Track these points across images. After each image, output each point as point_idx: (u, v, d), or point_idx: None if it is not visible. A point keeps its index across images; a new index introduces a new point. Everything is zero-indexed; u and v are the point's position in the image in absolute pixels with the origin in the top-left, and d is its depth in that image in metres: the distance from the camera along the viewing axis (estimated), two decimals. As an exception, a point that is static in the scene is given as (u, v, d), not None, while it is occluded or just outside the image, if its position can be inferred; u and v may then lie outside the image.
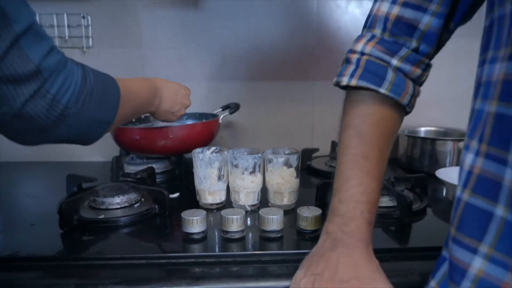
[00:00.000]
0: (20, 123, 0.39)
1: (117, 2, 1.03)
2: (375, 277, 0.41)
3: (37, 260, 0.52)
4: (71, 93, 0.41)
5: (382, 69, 0.45)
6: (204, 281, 0.50)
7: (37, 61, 0.38)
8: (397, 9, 0.44)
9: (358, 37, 0.49)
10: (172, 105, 0.70)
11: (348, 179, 0.44)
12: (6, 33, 0.36)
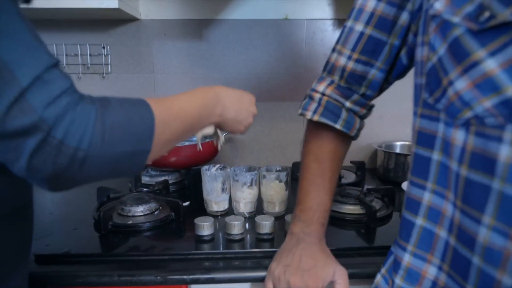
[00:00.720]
0: (35, 173, 0.37)
1: (132, 34, 1.19)
2: (328, 261, 0.59)
3: (86, 257, 0.68)
4: (82, 134, 0.37)
5: (338, 109, 0.59)
6: (212, 272, 0.66)
7: (41, 110, 0.35)
8: (352, 64, 0.57)
9: (319, 78, 0.62)
10: (237, 113, 0.63)
11: (307, 193, 0.61)
12: (11, 88, 0.34)
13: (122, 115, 0.41)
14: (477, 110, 0.38)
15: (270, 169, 0.87)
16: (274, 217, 0.77)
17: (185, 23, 1.19)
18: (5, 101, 0.33)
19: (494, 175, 0.37)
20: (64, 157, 0.36)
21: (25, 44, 0.35)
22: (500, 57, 0.35)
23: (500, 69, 0.35)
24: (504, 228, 0.36)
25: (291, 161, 1.16)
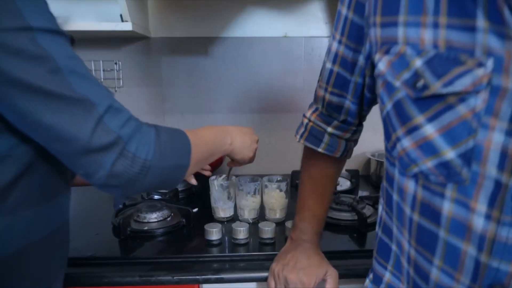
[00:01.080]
0: (114, 180, 0.46)
1: (143, 51, 1.28)
2: (321, 262, 0.68)
3: (109, 259, 0.77)
4: (148, 149, 0.48)
5: (321, 134, 0.65)
6: (221, 273, 0.74)
7: (117, 131, 0.46)
8: (328, 96, 0.62)
9: (310, 104, 0.68)
10: (243, 141, 0.75)
11: (304, 206, 0.70)
12: (93, 115, 0.44)
13: (169, 137, 0.52)
14: (422, 168, 0.44)
15: (271, 179, 0.96)
16: (275, 223, 0.87)
17: (191, 41, 1.28)
18: (90, 125, 0.43)
19: (440, 225, 0.43)
20: (136, 166, 0.47)
21: (93, 81, 0.46)
22: (437, 124, 0.41)
23: (437, 134, 0.41)
24: (450, 271, 0.43)
25: (290, 169, 1.25)
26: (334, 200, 1.00)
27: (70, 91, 0.42)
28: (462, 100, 0.40)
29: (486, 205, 0.40)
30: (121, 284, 0.72)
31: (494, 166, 0.39)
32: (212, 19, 1.27)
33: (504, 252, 0.40)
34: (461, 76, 0.39)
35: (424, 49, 0.41)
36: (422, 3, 0.41)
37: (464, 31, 0.39)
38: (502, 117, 0.38)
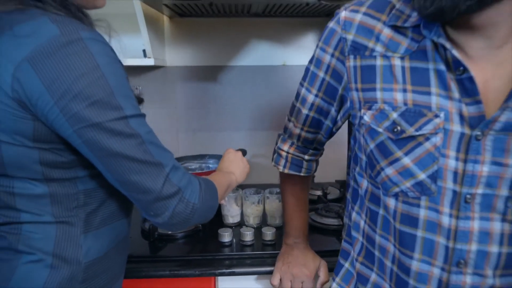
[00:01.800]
0: (174, 220, 0.60)
1: (160, 78, 1.48)
2: (315, 258, 0.88)
3: (144, 257, 0.97)
4: (196, 195, 0.62)
5: (300, 162, 0.83)
6: (232, 268, 0.94)
7: (178, 184, 0.59)
8: (304, 133, 0.79)
9: (283, 139, 0.84)
10: (239, 168, 0.93)
11: (292, 217, 0.89)
12: (163, 174, 0.58)
13: (206, 186, 0.68)
14: (402, 188, 0.60)
15: (271, 191, 1.16)
16: (275, 227, 1.07)
17: (202, 69, 1.48)
18: (161, 181, 0.58)
19: (418, 227, 0.60)
20: (188, 208, 0.62)
21: (162, 148, 0.61)
22: (411, 156, 0.58)
23: (412, 163, 0.59)
24: (428, 260, 0.61)
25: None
26: (323, 208, 1.20)
27: (150, 157, 0.58)
28: (427, 139, 0.58)
29: (449, 208, 0.58)
30: (155, 276, 0.92)
31: (451, 181, 0.57)
32: (221, 51, 1.48)
33: (463, 237, 0.57)
34: (426, 123, 0.57)
35: (397, 106, 0.60)
36: (392, 76, 0.60)
37: (424, 94, 0.58)
38: (452, 149, 0.57)
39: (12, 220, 0.58)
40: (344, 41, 0.66)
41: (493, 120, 0.54)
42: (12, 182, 0.57)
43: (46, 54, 0.51)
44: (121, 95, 0.55)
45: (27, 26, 0.52)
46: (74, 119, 0.53)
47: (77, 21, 0.56)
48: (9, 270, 0.58)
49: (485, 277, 0.57)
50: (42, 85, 0.51)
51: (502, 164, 0.55)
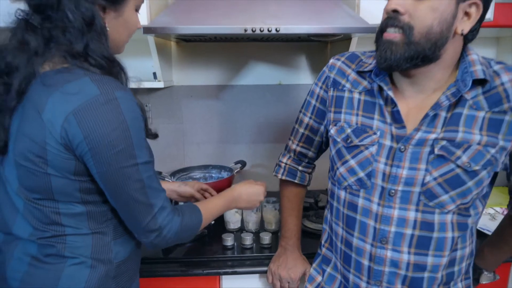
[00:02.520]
0: (151, 245, 0.78)
1: (167, 96, 1.63)
2: (303, 262, 1.03)
3: (157, 259, 1.12)
4: (173, 232, 0.78)
5: (295, 171, 1.03)
6: (234, 267, 1.09)
7: (160, 224, 0.75)
8: (299, 148, 1.01)
9: (283, 154, 1.06)
10: (247, 205, 1.03)
11: (286, 221, 1.05)
12: (151, 213, 0.73)
13: (189, 220, 0.83)
14: (349, 182, 0.82)
15: (268, 200, 1.31)
16: (271, 232, 1.22)
17: (206, 88, 1.64)
18: (148, 218, 0.74)
19: (357, 212, 0.81)
20: (164, 241, 0.78)
21: (157, 189, 0.75)
22: (356, 159, 0.80)
23: (356, 164, 0.81)
24: (362, 237, 0.80)
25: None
26: (314, 214, 1.36)
27: (146, 199, 0.74)
28: (367, 148, 0.80)
29: (378, 198, 0.78)
30: (168, 275, 1.07)
31: (380, 179, 0.78)
32: (222, 71, 1.63)
33: (386, 221, 0.77)
34: (367, 137, 0.80)
35: (352, 125, 0.83)
36: (352, 104, 0.84)
37: (369, 119, 0.81)
38: (383, 156, 0.78)
39: (58, 234, 0.73)
40: (328, 78, 0.90)
41: (410, 137, 0.75)
42: (58, 204, 0.72)
43: (88, 110, 0.65)
44: (138, 146, 0.71)
45: (74, 85, 0.67)
46: (97, 163, 0.68)
47: (112, 79, 0.71)
48: (58, 271, 0.73)
49: (402, 253, 0.77)
50: (81, 135, 0.66)
51: (416, 168, 0.75)
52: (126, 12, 0.77)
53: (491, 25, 1.28)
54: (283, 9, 1.11)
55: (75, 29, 0.69)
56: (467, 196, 0.74)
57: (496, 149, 0.72)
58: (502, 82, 0.72)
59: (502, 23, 1.31)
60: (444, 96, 0.73)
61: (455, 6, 0.69)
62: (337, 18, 1.10)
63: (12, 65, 0.70)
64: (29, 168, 0.69)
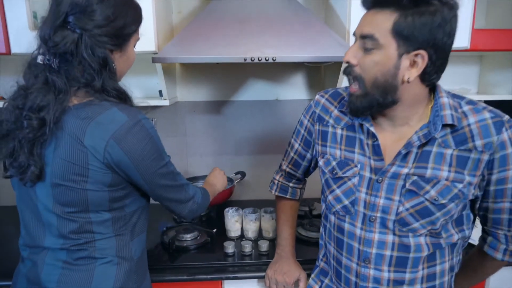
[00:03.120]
0: (190, 212, 1.00)
1: (172, 111, 1.74)
2: (297, 267, 1.14)
3: (166, 265, 1.23)
4: (199, 198, 1.01)
5: (286, 187, 1.16)
6: (235, 273, 1.20)
7: (192, 193, 0.99)
8: (288, 169, 1.12)
9: (276, 172, 1.19)
10: (220, 183, 1.27)
11: (282, 231, 1.17)
12: (183, 190, 0.97)
13: (205, 194, 1.06)
14: (336, 209, 0.93)
15: (266, 211, 1.43)
16: (268, 240, 1.33)
17: (208, 103, 1.75)
18: (183, 193, 0.96)
19: (344, 235, 0.92)
20: (197, 204, 1.01)
21: (180, 175, 0.96)
22: (341, 189, 0.91)
23: (341, 193, 0.91)
24: (349, 257, 0.91)
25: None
26: (308, 223, 1.47)
27: (177, 183, 0.95)
28: (350, 179, 0.90)
29: (360, 224, 0.89)
30: (176, 280, 1.18)
31: (362, 207, 0.88)
32: (223, 88, 1.74)
33: (368, 244, 0.88)
34: (349, 170, 0.90)
35: (336, 158, 0.93)
36: (335, 139, 0.94)
37: (350, 152, 0.91)
38: (364, 187, 0.88)
39: (90, 240, 0.87)
40: (314, 113, 1.00)
41: (386, 171, 0.85)
42: (89, 214, 0.86)
43: (123, 134, 0.81)
44: (162, 150, 0.90)
45: (106, 115, 0.81)
46: (142, 172, 0.86)
47: (130, 106, 0.86)
48: (91, 270, 0.86)
49: (382, 271, 0.87)
50: (123, 154, 0.82)
51: (391, 199, 0.85)
52: (128, 51, 0.91)
53: (470, 50, 1.40)
54: (279, 39, 1.23)
55: (93, 70, 0.82)
56: (436, 223, 0.83)
57: (463, 184, 0.81)
58: (468, 123, 0.80)
59: (481, 48, 1.43)
60: (416, 136, 0.82)
61: (398, 59, 0.76)
62: (328, 46, 1.21)
63: (43, 103, 0.81)
64: (68, 186, 0.82)
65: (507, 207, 0.83)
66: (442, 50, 0.76)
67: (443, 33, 0.73)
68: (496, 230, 0.88)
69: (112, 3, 0.84)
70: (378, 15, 0.75)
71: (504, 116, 0.81)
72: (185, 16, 1.66)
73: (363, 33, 0.78)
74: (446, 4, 0.73)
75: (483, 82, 1.80)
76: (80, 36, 0.81)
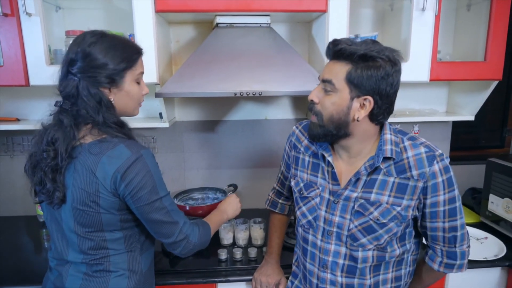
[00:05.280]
0: (182, 252, 1.05)
1: (171, 130, 1.92)
2: (279, 273, 1.34)
3: (167, 270, 1.41)
4: (196, 237, 1.06)
5: (276, 203, 1.36)
6: (227, 276, 1.39)
7: (186, 233, 1.04)
8: (277, 188, 1.34)
9: (271, 189, 1.38)
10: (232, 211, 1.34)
11: (270, 240, 1.37)
12: (178, 228, 1.03)
13: (203, 230, 1.13)
14: (303, 223, 1.12)
15: (255, 221, 1.62)
16: (257, 247, 1.52)
17: (204, 123, 1.94)
18: (177, 232, 1.04)
19: (308, 245, 1.11)
20: (191, 245, 1.08)
21: (177, 211, 1.07)
22: (306, 206, 1.10)
23: (306, 210, 1.10)
24: (312, 263, 1.10)
25: (269, 207, 1.90)
26: (292, 232, 1.66)
27: (171, 219, 1.03)
28: (313, 199, 1.09)
29: (321, 236, 1.07)
30: (176, 284, 1.37)
31: (322, 223, 1.07)
32: (217, 109, 1.93)
33: (325, 253, 1.06)
34: (312, 191, 1.09)
35: (304, 180, 1.12)
36: (304, 165, 1.12)
37: (314, 176, 1.10)
38: (324, 206, 1.06)
39: (105, 255, 1.04)
40: (291, 142, 1.19)
41: (340, 194, 1.03)
42: (105, 234, 1.02)
43: (126, 167, 0.95)
44: (159, 185, 1.01)
45: (114, 151, 0.96)
46: (135, 201, 0.98)
47: (137, 142, 1.02)
48: (106, 282, 1.03)
49: (337, 276, 1.06)
50: (124, 185, 0.96)
51: (344, 217, 1.03)
52: (125, 87, 1.02)
53: (431, 80, 1.60)
54: (266, 74, 1.42)
55: (92, 107, 0.97)
56: (380, 239, 1.00)
57: (401, 207, 0.98)
58: (407, 156, 0.98)
59: (443, 78, 1.62)
60: (363, 166, 0.99)
61: (350, 101, 0.93)
62: (308, 82, 1.40)
63: (55, 137, 0.98)
64: (85, 210, 0.98)
65: (441, 226, 1.01)
66: (386, 97, 0.94)
67: (386, 84, 0.91)
68: (434, 245, 1.06)
69: (99, 47, 0.97)
70: (336, 65, 0.94)
71: (436, 151, 0.99)
72: (182, 45, 1.85)
73: (324, 78, 0.96)
74: (389, 61, 0.91)
75: (451, 103, 2.00)
76: (79, 80, 0.96)
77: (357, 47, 0.91)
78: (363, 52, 0.90)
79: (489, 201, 1.74)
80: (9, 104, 1.81)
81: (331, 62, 0.97)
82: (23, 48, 1.45)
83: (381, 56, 0.91)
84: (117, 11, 1.74)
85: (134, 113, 1.10)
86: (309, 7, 1.47)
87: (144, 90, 1.09)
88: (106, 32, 1.02)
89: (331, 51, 0.96)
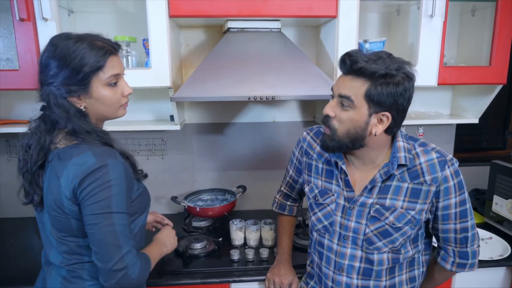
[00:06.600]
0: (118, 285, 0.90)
1: (181, 132, 1.95)
2: (292, 273, 1.37)
3: (181, 270, 1.44)
4: (136, 273, 0.92)
5: (284, 205, 1.40)
6: (241, 276, 1.42)
7: (127, 263, 0.90)
8: (285, 191, 1.38)
9: (278, 191, 1.42)
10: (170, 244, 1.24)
11: (280, 241, 1.40)
12: (120, 253, 0.89)
13: (144, 263, 0.98)
14: (318, 227, 1.15)
15: (266, 222, 1.65)
16: (268, 248, 1.56)
17: (213, 125, 1.97)
18: (117, 257, 0.89)
19: (324, 249, 1.14)
20: (129, 280, 0.91)
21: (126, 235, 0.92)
22: (322, 212, 1.13)
23: (322, 216, 1.13)
24: (328, 267, 1.13)
25: (277, 208, 1.93)
26: (302, 232, 1.70)
27: (116, 242, 0.90)
28: (328, 205, 1.12)
29: (337, 240, 1.11)
30: (190, 284, 1.40)
31: (338, 228, 1.10)
32: (226, 112, 1.96)
33: (342, 256, 1.10)
34: (328, 198, 1.12)
35: (318, 187, 1.15)
36: (318, 171, 1.15)
37: (329, 183, 1.13)
38: (339, 212, 1.09)
39: (79, 261, 1.00)
40: (302, 148, 1.22)
41: (356, 200, 1.06)
42: (78, 239, 0.98)
43: (85, 174, 0.90)
44: (115, 199, 0.91)
45: (80, 158, 0.92)
46: (84, 209, 0.91)
47: (109, 150, 0.96)
48: None
49: (352, 278, 1.09)
50: (80, 193, 0.91)
51: (360, 222, 1.06)
52: (94, 93, 0.96)
53: (439, 84, 1.64)
54: (278, 79, 1.45)
55: (62, 117, 0.96)
56: (396, 242, 1.04)
57: (415, 211, 1.02)
58: (420, 162, 1.02)
59: (449, 82, 1.66)
60: (378, 174, 1.03)
61: (368, 117, 0.94)
62: (318, 86, 1.43)
63: (30, 143, 0.99)
64: (55, 215, 0.96)
65: (452, 228, 1.06)
66: (403, 111, 0.97)
67: (403, 99, 0.94)
68: (446, 246, 1.11)
69: (58, 55, 0.93)
70: (355, 82, 0.94)
71: (447, 156, 1.03)
72: (191, 49, 1.88)
73: (341, 94, 0.96)
74: (407, 77, 0.94)
75: (455, 106, 2.04)
76: (49, 89, 0.95)
77: (377, 66, 0.91)
78: (384, 72, 0.91)
79: (493, 202, 1.78)
80: (24, 107, 1.84)
81: (349, 77, 0.96)
82: (39, 52, 1.47)
83: (400, 74, 0.93)
84: (128, 14, 1.77)
85: (117, 116, 1.05)
86: (319, 13, 1.51)
87: (126, 91, 1.03)
88: (68, 37, 0.96)
89: (347, 67, 0.95)
